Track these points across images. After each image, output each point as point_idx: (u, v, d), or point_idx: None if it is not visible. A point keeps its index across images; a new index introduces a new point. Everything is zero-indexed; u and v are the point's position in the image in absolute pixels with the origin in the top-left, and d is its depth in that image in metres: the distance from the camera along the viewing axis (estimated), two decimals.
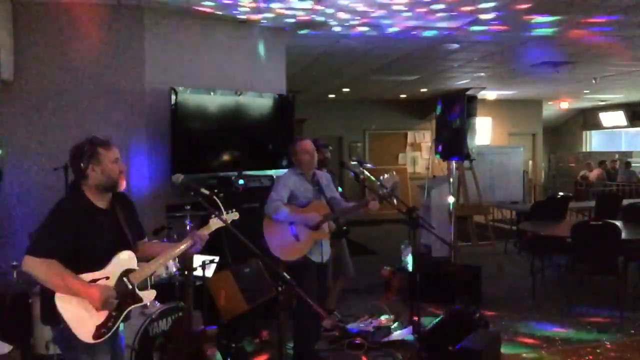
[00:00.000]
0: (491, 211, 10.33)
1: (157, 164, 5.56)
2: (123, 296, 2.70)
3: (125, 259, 2.77)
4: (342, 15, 5.98)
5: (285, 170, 4.73)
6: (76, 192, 2.74)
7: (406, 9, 5.74)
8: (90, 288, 2.60)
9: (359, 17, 6.10)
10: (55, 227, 2.62)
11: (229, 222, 3.04)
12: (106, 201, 2.79)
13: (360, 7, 5.68)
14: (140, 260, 2.85)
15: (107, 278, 2.68)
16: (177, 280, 4.30)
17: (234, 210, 3.16)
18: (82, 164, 2.70)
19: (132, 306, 2.78)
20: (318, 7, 5.66)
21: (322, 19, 6.13)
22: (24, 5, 5.28)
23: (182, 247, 2.93)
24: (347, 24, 6.41)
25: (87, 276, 2.62)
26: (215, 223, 3.03)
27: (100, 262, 2.68)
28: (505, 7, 5.69)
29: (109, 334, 2.66)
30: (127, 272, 2.75)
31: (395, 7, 5.68)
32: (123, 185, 2.82)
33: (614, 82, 11.57)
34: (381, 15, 6.01)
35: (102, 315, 2.64)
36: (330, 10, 5.81)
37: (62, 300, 2.57)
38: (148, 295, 2.85)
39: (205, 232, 2.99)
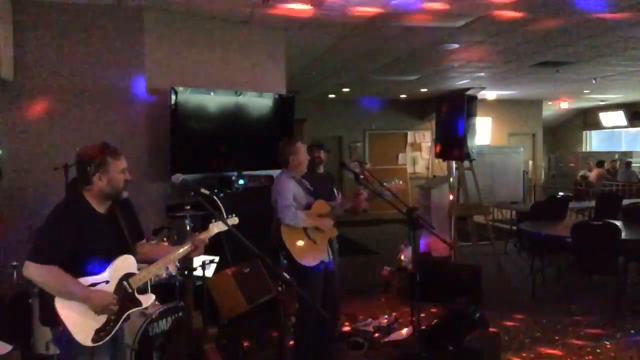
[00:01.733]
0: (491, 211, 10.32)
1: (157, 164, 5.56)
2: (122, 300, 2.70)
3: (125, 263, 2.76)
4: (342, 15, 5.99)
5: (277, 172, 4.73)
6: (76, 197, 2.74)
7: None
8: (91, 293, 2.60)
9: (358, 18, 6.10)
10: (56, 232, 2.62)
11: (229, 225, 3.03)
12: (106, 206, 2.78)
13: (360, 8, 5.68)
14: (139, 261, 2.85)
15: (107, 282, 2.67)
16: (177, 281, 4.30)
17: (233, 215, 3.16)
18: (88, 170, 2.69)
19: (132, 310, 2.78)
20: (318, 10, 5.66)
21: (322, 18, 6.13)
22: (24, 5, 5.27)
23: (182, 251, 2.93)
24: (347, 24, 6.42)
25: (87, 280, 2.62)
26: (215, 227, 3.03)
27: (100, 266, 2.68)
28: None
29: (108, 337, 2.66)
30: (127, 276, 2.75)
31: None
32: (126, 195, 2.81)
33: (614, 82, 11.57)
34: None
35: (101, 319, 2.64)
36: (329, 13, 5.81)
37: (62, 304, 2.57)
38: (147, 299, 2.85)
39: (205, 236, 2.98)
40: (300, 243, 4.14)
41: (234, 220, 3.14)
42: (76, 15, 5.40)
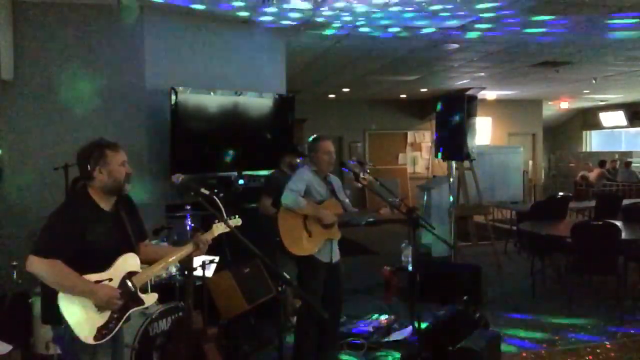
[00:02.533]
0: (491, 211, 10.32)
1: (157, 164, 5.56)
2: (125, 298, 2.71)
3: (129, 261, 2.77)
4: (343, 15, 5.99)
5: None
6: (82, 194, 2.75)
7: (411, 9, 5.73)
8: (95, 287, 2.61)
9: (359, 18, 6.10)
10: (61, 227, 2.62)
11: (232, 227, 3.04)
12: (111, 203, 2.79)
13: (360, 8, 5.68)
14: (141, 261, 2.85)
15: (110, 280, 2.68)
16: (177, 280, 4.30)
17: (236, 216, 3.16)
18: (89, 166, 2.70)
19: (134, 309, 2.78)
20: (318, 8, 5.66)
21: (322, 19, 6.13)
22: (24, 5, 5.28)
23: (184, 251, 2.93)
24: (347, 24, 6.42)
25: (91, 277, 2.63)
26: (218, 228, 3.03)
27: (104, 263, 2.69)
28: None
29: (110, 335, 2.66)
30: (130, 275, 2.75)
31: (394, 8, 5.69)
32: (128, 189, 2.81)
33: (614, 82, 11.57)
34: (381, 16, 6.01)
35: (103, 317, 2.64)
36: (330, 12, 5.81)
37: (65, 300, 2.57)
38: (150, 298, 2.86)
39: (208, 237, 2.99)
40: (293, 229, 4.14)
41: (236, 221, 3.14)
42: (76, 15, 5.40)
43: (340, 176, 5.05)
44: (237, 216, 3.17)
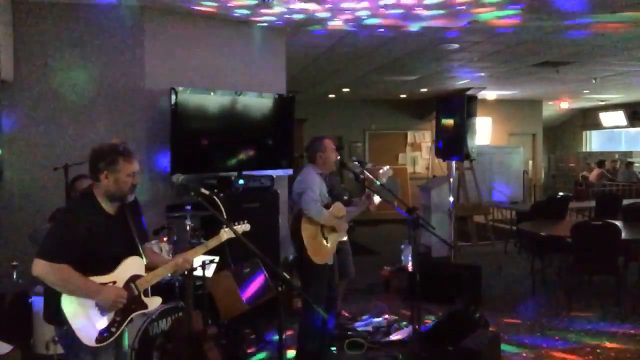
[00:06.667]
0: (491, 211, 10.32)
1: (157, 164, 5.56)
2: (129, 301, 2.71)
3: (133, 264, 2.77)
4: (343, 15, 5.99)
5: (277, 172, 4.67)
6: (87, 196, 2.75)
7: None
8: (101, 288, 2.62)
9: (358, 17, 6.10)
10: (66, 231, 2.62)
11: (239, 232, 3.04)
12: (116, 207, 2.79)
13: (362, 7, 5.68)
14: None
15: (114, 283, 2.68)
16: (177, 280, 4.30)
17: (245, 221, 3.16)
18: (99, 166, 2.70)
19: (137, 312, 2.78)
20: (319, 8, 5.66)
21: (322, 16, 6.13)
22: (24, 5, 5.28)
23: (168, 268, 2.92)
24: (348, 24, 6.42)
25: (95, 280, 2.63)
26: (226, 234, 3.03)
27: (108, 266, 2.69)
28: None
29: (112, 338, 2.66)
30: (134, 278, 2.75)
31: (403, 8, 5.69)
32: (132, 198, 2.81)
33: (614, 82, 11.57)
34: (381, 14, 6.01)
35: (105, 320, 2.64)
36: (328, 14, 5.81)
37: (68, 302, 2.57)
38: (153, 302, 2.85)
39: (189, 256, 2.98)
40: (315, 239, 4.14)
41: (244, 227, 3.14)
42: (76, 15, 5.40)
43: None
44: (245, 221, 3.17)
